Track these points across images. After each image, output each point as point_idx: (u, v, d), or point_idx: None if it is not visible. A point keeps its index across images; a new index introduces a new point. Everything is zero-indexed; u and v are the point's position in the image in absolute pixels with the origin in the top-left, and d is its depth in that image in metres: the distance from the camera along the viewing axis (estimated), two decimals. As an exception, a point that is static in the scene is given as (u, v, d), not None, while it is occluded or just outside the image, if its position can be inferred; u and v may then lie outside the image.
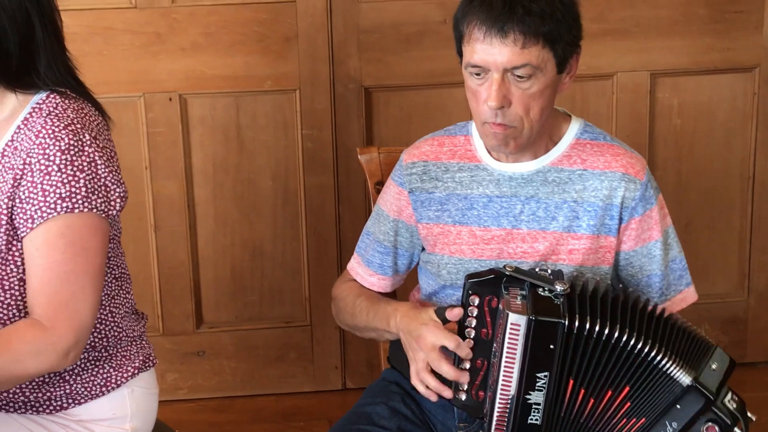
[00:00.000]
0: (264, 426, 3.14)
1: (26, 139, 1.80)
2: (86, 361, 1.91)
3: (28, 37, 1.80)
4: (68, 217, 1.77)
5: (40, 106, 1.83)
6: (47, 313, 1.76)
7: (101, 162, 1.81)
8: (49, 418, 1.91)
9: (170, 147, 3.06)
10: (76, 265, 1.77)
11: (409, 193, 2.06)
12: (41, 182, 1.77)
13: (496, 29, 1.83)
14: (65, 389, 1.90)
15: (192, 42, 2.99)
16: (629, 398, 1.81)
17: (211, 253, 3.18)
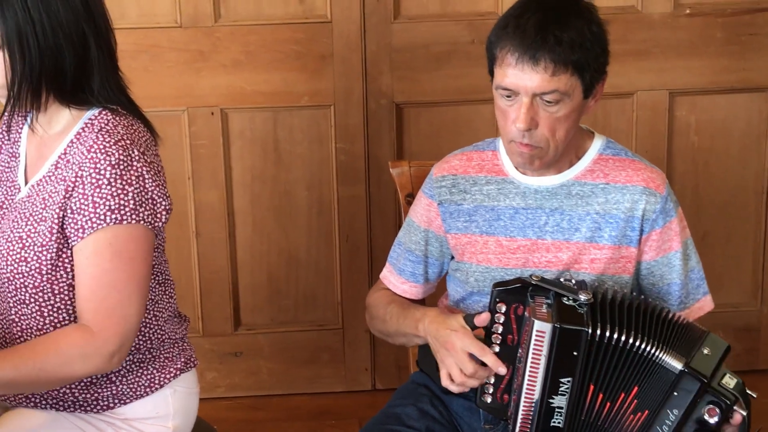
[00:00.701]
0: (297, 424, 3.13)
1: (78, 153, 1.80)
2: (131, 363, 1.91)
3: (84, 56, 1.80)
4: (117, 228, 1.77)
5: (92, 121, 1.84)
6: (95, 319, 1.76)
7: (149, 176, 1.81)
8: (96, 416, 1.91)
9: (212, 159, 3.07)
10: (122, 274, 1.78)
11: (439, 205, 2.05)
12: (92, 194, 1.77)
13: (528, 56, 1.83)
14: (112, 390, 1.90)
15: (233, 59, 2.99)
16: (637, 396, 1.81)
17: (249, 259, 3.18)
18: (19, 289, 1.84)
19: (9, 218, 1.87)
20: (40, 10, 1.74)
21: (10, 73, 1.77)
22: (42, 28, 1.75)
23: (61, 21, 1.76)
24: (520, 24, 1.85)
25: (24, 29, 1.74)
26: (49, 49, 1.76)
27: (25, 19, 1.74)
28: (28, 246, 1.81)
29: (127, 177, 1.78)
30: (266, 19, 2.98)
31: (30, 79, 1.77)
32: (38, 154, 1.90)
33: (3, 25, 1.74)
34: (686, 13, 3.04)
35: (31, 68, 1.77)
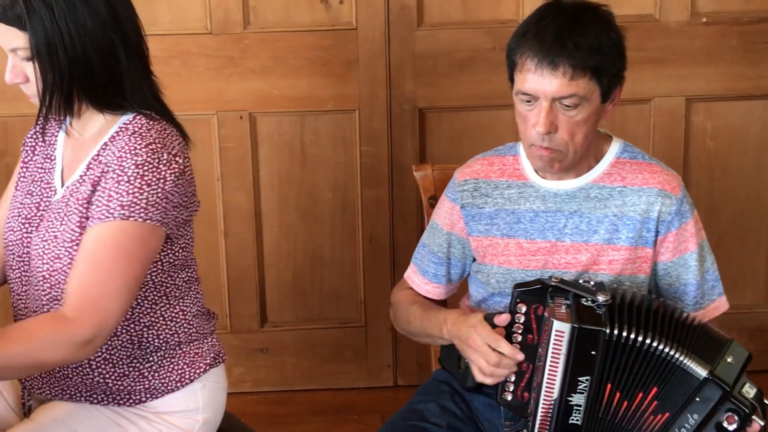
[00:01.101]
0: (321, 418, 3.14)
1: (110, 154, 1.82)
2: (162, 358, 1.92)
3: (113, 65, 1.81)
4: (123, 223, 1.76)
5: (126, 126, 1.84)
6: (75, 304, 1.73)
7: (171, 179, 1.80)
8: (129, 409, 1.92)
9: (240, 161, 3.08)
10: (116, 267, 1.76)
11: (461, 209, 2.05)
12: (110, 188, 1.77)
13: (547, 62, 1.83)
14: (144, 384, 1.91)
15: (261, 65, 3.00)
16: (656, 397, 1.80)
17: (275, 259, 3.19)
18: (53, 286, 1.84)
19: (46, 219, 1.88)
20: (68, 21, 1.74)
21: (42, 83, 1.78)
22: (70, 39, 1.75)
23: (89, 31, 1.76)
24: (539, 31, 1.85)
25: (52, 40, 1.74)
26: (77, 58, 1.76)
27: (53, 30, 1.74)
28: (60, 243, 1.82)
29: (147, 178, 1.78)
30: (294, 26, 2.99)
31: (61, 88, 1.78)
32: (74, 156, 1.91)
33: (32, 36, 1.74)
34: (703, 22, 3.03)
35: (61, 77, 1.77)
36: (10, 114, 3.01)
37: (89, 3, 1.76)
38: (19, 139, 3.01)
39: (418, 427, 1.97)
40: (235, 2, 2.95)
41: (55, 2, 1.73)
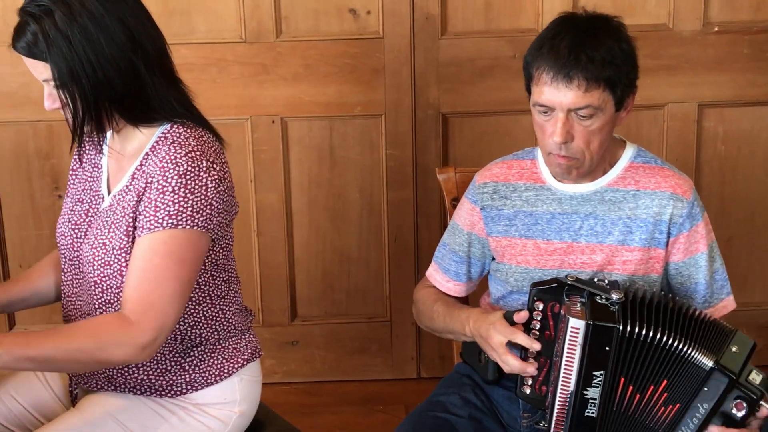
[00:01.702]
0: (348, 408, 3.15)
1: (152, 164, 1.83)
2: (203, 353, 1.93)
3: (137, 84, 1.81)
4: (173, 231, 1.78)
5: (165, 135, 1.85)
6: (136, 310, 1.75)
7: (212, 185, 1.81)
8: (170, 401, 1.93)
9: (272, 163, 3.09)
10: (170, 273, 1.77)
11: (481, 210, 2.06)
12: (156, 199, 1.79)
13: (562, 75, 1.83)
14: (185, 377, 1.92)
15: (293, 72, 3.02)
16: (666, 389, 1.80)
17: (305, 256, 3.20)
18: (105, 291, 1.86)
19: (94, 226, 1.90)
20: (86, 49, 1.74)
21: (72, 109, 1.79)
22: (90, 66, 1.75)
23: (108, 56, 1.76)
24: (554, 45, 1.85)
25: (74, 68, 1.75)
26: (100, 83, 1.77)
27: (73, 59, 1.74)
28: (110, 251, 1.84)
29: (190, 186, 1.79)
30: (324, 35, 3.00)
31: (90, 112, 1.79)
32: (118, 166, 1.93)
33: (55, 66, 1.75)
34: (714, 31, 3.02)
35: (87, 103, 1.78)
36: (55, 119, 3.01)
37: (104, 29, 1.75)
38: (65, 143, 3.07)
39: (441, 418, 1.98)
40: (268, 12, 2.97)
41: (71, 33, 1.73)
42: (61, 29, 1.73)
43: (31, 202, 3.13)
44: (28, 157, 3.09)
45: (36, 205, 3.14)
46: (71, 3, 1.74)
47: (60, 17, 1.73)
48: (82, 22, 1.74)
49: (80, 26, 1.74)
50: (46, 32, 1.73)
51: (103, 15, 1.76)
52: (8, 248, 3.17)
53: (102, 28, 1.75)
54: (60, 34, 1.73)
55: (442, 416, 1.99)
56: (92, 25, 1.75)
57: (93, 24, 1.75)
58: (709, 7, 3.01)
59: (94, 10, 1.75)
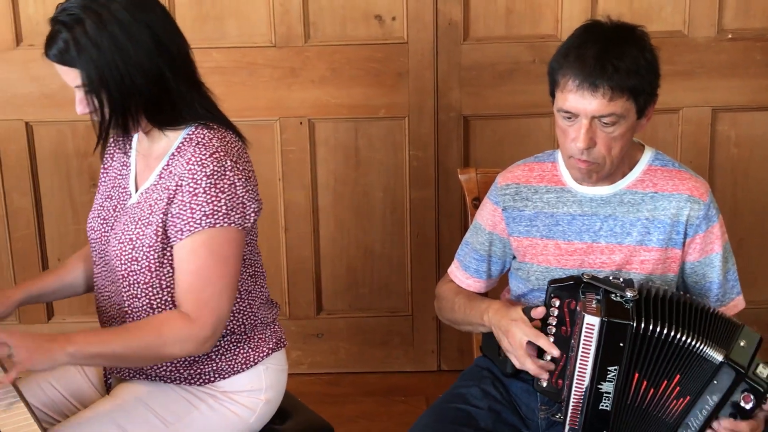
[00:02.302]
0: (370, 398, 3.15)
1: (179, 165, 1.83)
2: (230, 343, 1.94)
3: (162, 88, 1.82)
4: (211, 230, 1.79)
5: (190, 136, 1.86)
6: (193, 309, 1.79)
7: (240, 183, 1.82)
8: (199, 389, 1.94)
9: (300, 163, 3.10)
10: (216, 271, 1.80)
11: (503, 211, 2.05)
12: (190, 201, 1.80)
13: (588, 83, 1.81)
14: (213, 366, 1.93)
15: (320, 76, 3.02)
16: (679, 383, 1.80)
17: (331, 252, 3.20)
18: (132, 285, 1.88)
19: (121, 221, 1.91)
20: (114, 56, 1.75)
21: (99, 112, 1.80)
22: (119, 72, 1.76)
23: (135, 62, 1.77)
24: (581, 54, 1.83)
25: (103, 74, 1.76)
26: (128, 87, 1.78)
27: (102, 65, 1.75)
28: (138, 247, 1.85)
29: (220, 185, 1.80)
30: (350, 40, 3.00)
31: (116, 116, 1.80)
32: (145, 165, 1.94)
33: (84, 72, 1.76)
34: (728, 38, 3.00)
35: (115, 107, 1.79)
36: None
37: (133, 36, 1.76)
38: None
39: (461, 409, 1.98)
40: (297, 18, 2.97)
41: (100, 41, 1.74)
42: (91, 37, 1.74)
43: (70, 199, 3.15)
44: (68, 155, 3.11)
45: (74, 201, 3.15)
46: (101, 11, 1.75)
47: (90, 25, 1.74)
48: (112, 29, 1.75)
49: (109, 34, 1.75)
50: (77, 40, 1.74)
51: (131, 23, 1.77)
52: (47, 242, 3.19)
53: (130, 35, 1.76)
54: (90, 41, 1.74)
55: (462, 407, 1.99)
56: (121, 32, 1.76)
57: (121, 32, 1.76)
58: (723, 14, 2.99)
59: (123, 18, 1.76)
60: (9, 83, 3.03)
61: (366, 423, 3.01)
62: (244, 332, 1.95)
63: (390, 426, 2.98)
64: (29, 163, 3.10)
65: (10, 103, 3.04)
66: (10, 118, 3.06)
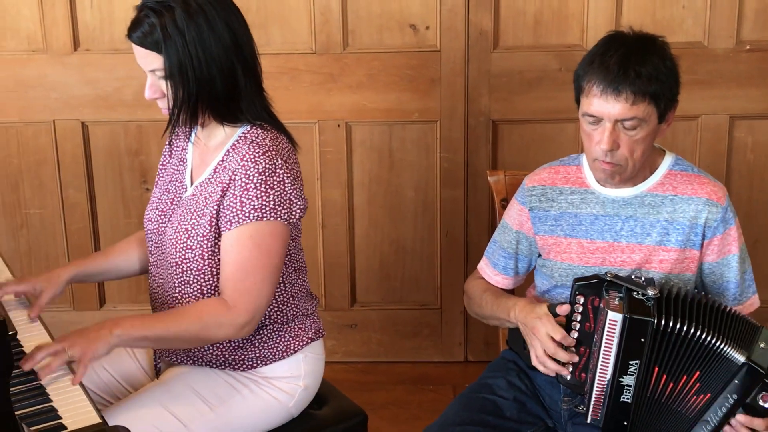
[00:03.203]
0: (400, 386, 3.15)
1: (233, 161, 1.84)
2: (272, 332, 1.95)
3: (233, 84, 1.83)
4: (258, 224, 1.80)
5: (245, 135, 1.87)
6: (232, 296, 1.80)
7: (288, 181, 1.83)
8: (242, 374, 1.96)
9: (337, 163, 3.10)
10: (258, 262, 1.80)
11: (530, 211, 2.05)
12: (241, 195, 1.80)
13: (612, 89, 1.81)
14: (255, 353, 1.94)
15: (357, 81, 3.02)
16: (699, 380, 1.78)
17: (365, 248, 3.21)
18: (185, 272, 1.89)
19: (177, 213, 1.93)
20: (197, 47, 1.77)
21: (172, 99, 1.81)
22: (198, 62, 1.77)
23: (214, 55, 1.78)
24: (605, 61, 1.83)
25: (184, 63, 1.77)
26: (203, 79, 1.79)
27: (184, 54, 1.76)
28: (192, 236, 1.86)
29: (270, 182, 1.81)
30: (386, 48, 3.00)
31: (188, 104, 1.81)
32: (201, 160, 1.95)
33: (167, 59, 1.77)
34: (746, 49, 2.97)
35: (189, 95, 1.80)
36: (145, 119, 3.08)
37: (215, 31, 1.78)
38: (152, 141, 3.11)
39: (488, 399, 1.98)
40: (336, 27, 2.98)
41: (187, 31, 1.76)
42: (178, 25, 1.75)
43: (122, 194, 3.18)
44: (120, 153, 3.14)
45: (125, 196, 3.18)
46: (190, 3, 1.77)
47: (179, 14, 1.75)
48: (198, 21, 1.76)
49: (196, 25, 1.76)
50: (164, 26, 1.75)
51: (215, 18, 1.78)
52: (101, 235, 3.22)
53: (213, 29, 1.78)
54: (177, 29, 1.75)
55: (489, 397, 1.99)
56: (205, 25, 1.77)
57: (206, 25, 1.77)
58: (742, 27, 2.96)
59: (208, 12, 1.77)
60: (67, 86, 3.06)
61: (396, 410, 3.01)
62: (286, 322, 1.96)
63: (419, 413, 2.98)
64: (84, 160, 3.13)
65: (67, 104, 3.08)
66: (68, 118, 3.09)
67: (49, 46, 3.03)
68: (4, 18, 3.03)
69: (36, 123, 3.11)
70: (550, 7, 2.96)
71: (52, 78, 3.06)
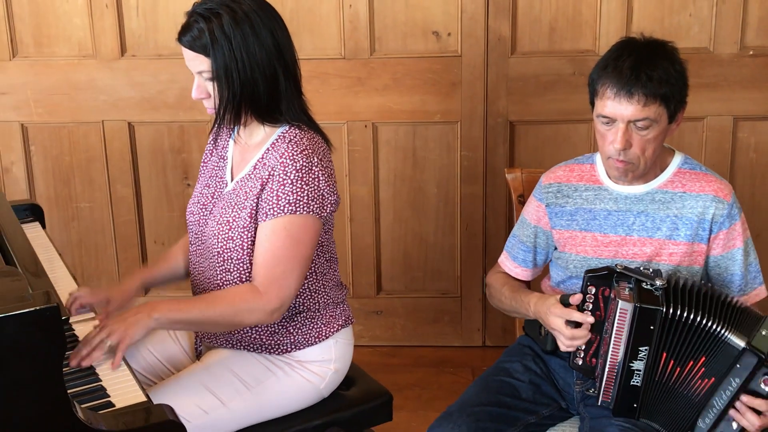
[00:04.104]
0: (423, 369, 3.15)
1: (272, 158, 1.85)
2: (305, 319, 1.95)
3: (274, 87, 1.83)
4: (292, 216, 1.80)
5: (284, 134, 1.87)
6: (263, 283, 1.79)
7: (323, 178, 1.83)
8: (276, 357, 1.96)
9: (364, 161, 3.10)
10: (289, 252, 1.80)
11: (546, 207, 2.03)
12: (277, 189, 1.81)
13: (624, 91, 1.79)
14: (290, 338, 1.94)
15: (383, 84, 3.01)
16: (704, 365, 1.76)
17: (390, 240, 3.20)
18: (226, 261, 1.89)
19: (219, 206, 1.93)
20: (242, 51, 1.76)
21: (218, 99, 1.81)
22: (243, 66, 1.77)
23: (258, 60, 1.78)
24: (618, 65, 1.81)
25: (230, 66, 1.77)
26: (247, 81, 1.79)
27: (230, 58, 1.76)
28: (234, 228, 1.86)
29: (306, 179, 1.80)
30: (410, 53, 2.99)
31: (232, 104, 1.81)
32: (241, 158, 1.95)
33: (214, 62, 1.77)
34: (750, 54, 2.93)
35: (233, 95, 1.80)
36: (187, 120, 3.09)
37: (259, 37, 1.78)
38: (193, 140, 3.12)
39: (505, 382, 1.97)
40: (364, 34, 2.97)
41: (233, 36, 1.76)
42: (225, 31, 1.76)
43: (165, 190, 3.19)
44: (164, 152, 3.15)
45: (169, 191, 3.19)
46: (236, 10, 1.77)
47: (227, 21, 1.76)
48: (244, 28, 1.76)
49: (242, 31, 1.76)
50: (212, 31, 1.76)
51: (260, 25, 1.78)
52: (146, 227, 3.24)
53: (257, 36, 1.78)
54: (224, 35, 1.76)
55: (506, 380, 1.98)
56: (250, 32, 1.77)
57: (251, 31, 1.77)
58: (746, 33, 2.93)
59: (254, 19, 1.78)
60: (114, 89, 3.08)
61: (419, 390, 3.01)
62: (318, 310, 1.96)
63: (440, 393, 2.98)
64: (131, 158, 3.15)
65: (115, 106, 3.09)
66: (115, 119, 3.11)
67: (98, 52, 3.05)
68: (57, 27, 3.05)
69: (86, 123, 3.13)
70: (564, 15, 2.94)
71: (100, 82, 3.07)
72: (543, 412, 1.96)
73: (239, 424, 1.89)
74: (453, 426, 1.84)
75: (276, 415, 1.94)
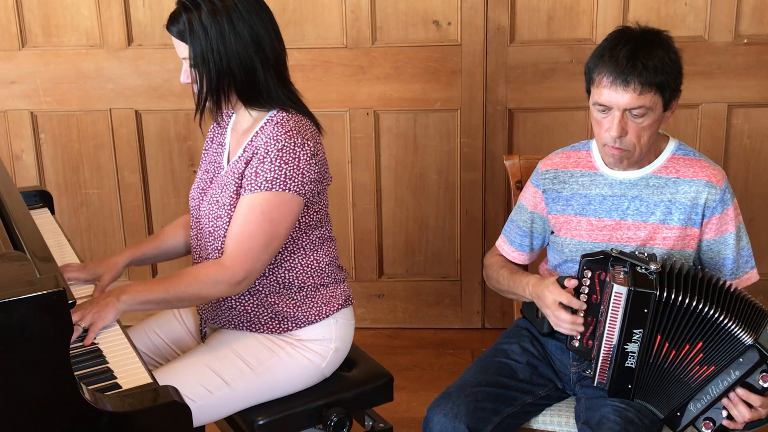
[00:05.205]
0: (423, 351, 3.15)
1: (259, 141, 1.86)
2: (304, 297, 1.94)
3: (251, 78, 1.84)
4: (267, 194, 1.80)
5: (272, 118, 1.88)
6: (231, 255, 1.81)
7: (304, 157, 1.82)
8: (278, 336, 1.96)
9: (366, 148, 3.09)
10: (261, 228, 1.80)
11: (543, 192, 2.02)
12: (257, 167, 1.82)
13: (621, 80, 1.78)
14: (290, 317, 1.94)
15: (385, 73, 3.00)
16: (702, 351, 1.75)
17: (391, 225, 3.20)
18: (216, 239, 1.90)
19: (212, 188, 1.95)
20: (218, 41, 1.79)
21: (198, 86, 1.83)
22: (218, 55, 1.80)
23: (233, 51, 1.80)
24: (614, 54, 1.80)
25: (206, 54, 1.79)
26: (223, 71, 1.81)
27: (206, 47, 1.79)
28: (221, 206, 1.88)
29: (285, 158, 1.81)
30: (411, 42, 2.98)
31: (210, 92, 1.83)
32: (236, 142, 1.96)
33: (191, 49, 1.80)
34: (744, 43, 2.91)
35: (210, 83, 1.82)
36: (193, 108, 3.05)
37: (236, 29, 1.80)
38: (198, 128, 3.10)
39: (503, 363, 1.97)
40: (366, 23, 2.96)
41: (210, 27, 1.78)
42: (203, 22, 1.79)
43: (172, 176, 3.19)
44: (170, 139, 3.14)
45: (175, 177, 3.19)
46: (216, 4, 1.79)
47: (205, 13, 1.79)
48: (221, 21, 1.79)
49: (218, 24, 1.79)
50: (191, 21, 1.79)
51: (238, 19, 1.80)
52: (153, 212, 3.24)
53: (234, 29, 1.80)
54: (201, 26, 1.79)
55: (504, 361, 1.98)
56: (227, 25, 1.79)
57: (228, 25, 1.79)
58: (740, 22, 2.90)
59: (233, 15, 1.80)
60: (122, 78, 3.06)
61: (419, 371, 3.01)
62: (316, 288, 1.96)
63: (440, 374, 2.98)
64: (138, 145, 3.14)
65: (122, 94, 3.08)
66: (123, 107, 3.10)
67: (105, 42, 3.04)
68: (65, 16, 3.03)
69: (94, 111, 3.12)
70: (562, 4, 2.92)
71: (108, 71, 3.06)
72: (540, 392, 1.95)
73: (244, 403, 1.90)
74: (452, 406, 1.84)
75: (279, 395, 1.94)
